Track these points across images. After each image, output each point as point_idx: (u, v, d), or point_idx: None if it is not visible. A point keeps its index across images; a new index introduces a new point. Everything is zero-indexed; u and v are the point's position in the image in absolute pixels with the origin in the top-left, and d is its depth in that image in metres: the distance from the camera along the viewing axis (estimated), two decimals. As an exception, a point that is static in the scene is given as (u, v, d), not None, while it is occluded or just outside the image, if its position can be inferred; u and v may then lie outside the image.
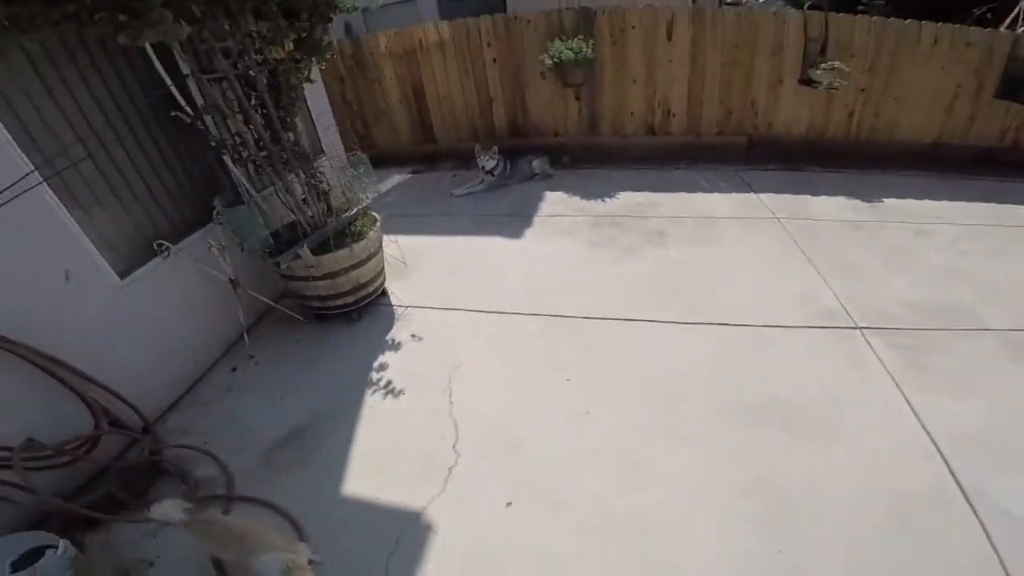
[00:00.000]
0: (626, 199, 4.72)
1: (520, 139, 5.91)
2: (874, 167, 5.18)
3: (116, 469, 2.39)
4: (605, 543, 2.01)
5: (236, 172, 3.11)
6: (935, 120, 5.17)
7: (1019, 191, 4.76)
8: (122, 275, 2.66)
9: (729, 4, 11.15)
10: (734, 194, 4.71)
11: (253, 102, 2.94)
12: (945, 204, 4.54)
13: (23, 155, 2.23)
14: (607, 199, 4.71)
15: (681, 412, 2.58)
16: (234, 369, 3.15)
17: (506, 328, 3.22)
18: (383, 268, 3.47)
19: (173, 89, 2.78)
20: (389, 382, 2.87)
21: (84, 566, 1.91)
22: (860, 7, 7.09)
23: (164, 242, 2.84)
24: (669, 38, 5.11)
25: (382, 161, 5.92)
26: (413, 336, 3.22)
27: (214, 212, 3.11)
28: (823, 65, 4.83)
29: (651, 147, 5.64)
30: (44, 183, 2.28)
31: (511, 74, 5.58)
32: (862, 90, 5.07)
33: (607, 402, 2.63)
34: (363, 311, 3.42)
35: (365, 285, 3.28)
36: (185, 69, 2.82)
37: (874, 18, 4.84)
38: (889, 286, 3.45)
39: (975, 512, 2.11)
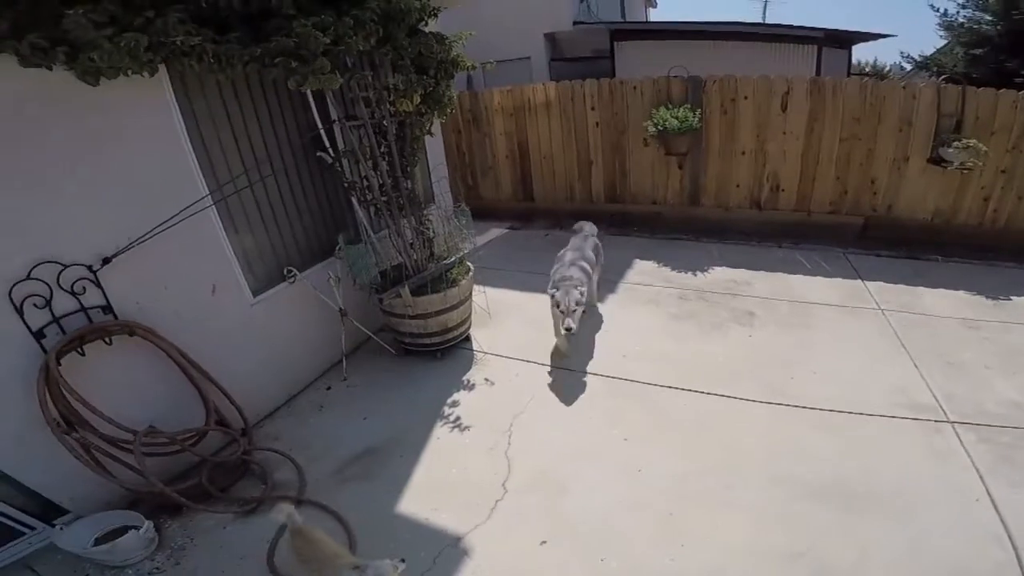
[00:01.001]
0: (719, 274, 5.00)
1: (617, 204, 6.44)
2: (1011, 260, 5.00)
3: (211, 463, 2.81)
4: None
5: (360, 212, 3.85)
6: None
7: None
8: (255, 293, 3.30)
9: (861, 75, 11.04)
10: (838, 279, 4.82)
11: (382, 149, 3.55)
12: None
13: (203, 179, 2.89)
14: (699, 273, 5.03)
15: (749, 479, 2.83)
16: (328, 388, 3.85)
17: (573, 385, 3.68)
18: (470, 315, 4.12)
19: (322, 132, 3.56)
20: (458, 417, 3.41)
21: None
22: (1018, 79, 6.78)
23: (293, 269, 3.49)
24: (784, 109, 5.31)
25: (484, 214, 6.75)
26: (486, 380, 3.77)
27: (336, 248, 3.78)
28: (956, 143, 4.77)
29: (755, 222, 5.84)
30: (213, 206, 2.91)
31: (613, 139, 6.13)
32: (1002, 171, 4.94)
33: (662, 464, 2.94)
34: (446, 352, 4.05)
35: (452, 329, 3.92)
36: (334, 115, 3.54)
37: (1021, 92, 4.69)
38: (995, 387, 3.43)
39: None
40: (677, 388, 3.56)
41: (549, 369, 3.87)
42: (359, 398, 3.72)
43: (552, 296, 3.69)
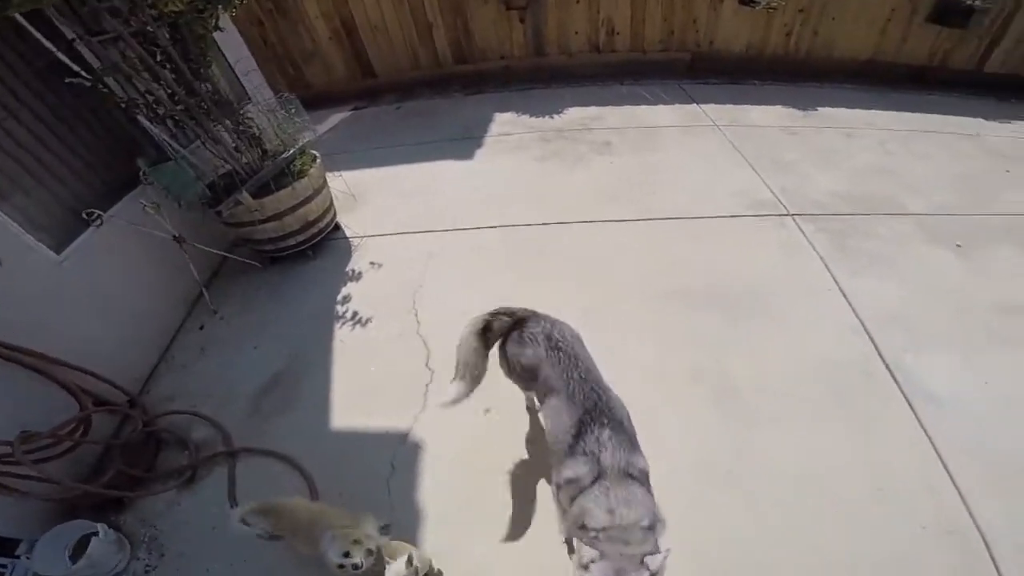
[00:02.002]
0: (573, 114, 5.03)
1: (467, 65, 6.05)
2: (811, 81, 5.72)
3: (119, 447, 2.48)
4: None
5: (155, 130, 3.10)
6: (870, 40, 5.72)
7: (945, 104, 5.44)
8: (57, 250, 2.65)
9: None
10: (677, 105, 5.14)
11: (159, 58, 2.88)
12: (876, 113, 5.13)
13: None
14: (555, 115, 5.00)
15: (633, 301, 2.98)
16: (201, 327, 3.21)
17: (463, 244, 3.49)
18: (331, 203, 3.63)
19: (60, 55, 2.69)
20: (355, 313, 3.06)
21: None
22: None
23: (93, 210, 2.79)
24: None
25: (318, 102, 5.89)
26: (372, 264, 3.42)
27: (140, 173, 3.08)
28: None
29: (598, 65, 5.94)
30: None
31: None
32: (800, 10, 5.51)
33: (567, 298, 2.95)
34: (318, 248, 3.57)
35: (315, 222, 3.43)
36: (69, 33, 2.72)
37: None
38: (817, 181, 3.94)
39: (897, 383, 2.59)
40: (559, 223, 3.55)
41: (435, 234, 3.59)
42: (240, 326, 3.16)
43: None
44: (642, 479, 1.57)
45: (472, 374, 1.97)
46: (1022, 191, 4.02)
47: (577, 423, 1.67)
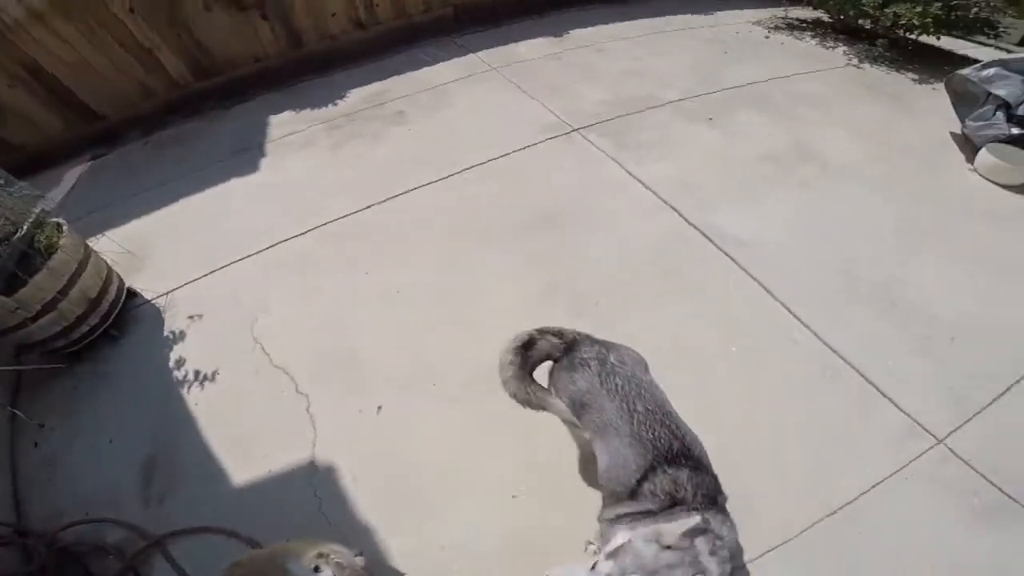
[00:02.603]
0: (359, 94, 4.83)
1: (216, 77, 5.30)
2: (559, 7, 6.23)
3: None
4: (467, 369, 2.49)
5: None
6: None
7: (659, 7, 6.24)
8: None
9: None
10: (455, 59, 5.22)
11: None
12: (613, 26, 5.78)
13: None
14: (339, 101, 4.75)
15: (473, 250, 3.09)
16: (36, 444, 2.58)
17: (283, 258, 3.22)
18: (109, 271, 3.01)
19: None
20: (197, 371, 2.70)
21: None
22: None
23: None
24: None
25: (39, 162, 4.74)
26: (191, 318, 2.99)
27: None
28: None
29: (367, 40, 5.69)
30: None
31: (163, 15, 4.81)
32: None
33: (414, 272, 2.99)
34: (120, 324, 2.99)
35: (100, 298, 2.84)
36: None
37: None
38: (586, 95, 4.38)
39: (706, 235, 3.10)
40: (376, 204, 3.47)
41: (247, 260, 3.23)
42: (78, 430, 2.61)
43: None
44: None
45: (522, 400, 1.67)
46: (740, 66, 4.91)
47: (646, 472, 1.39)
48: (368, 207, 3.45)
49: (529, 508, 2.04)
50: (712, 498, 1.36)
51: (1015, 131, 3.58)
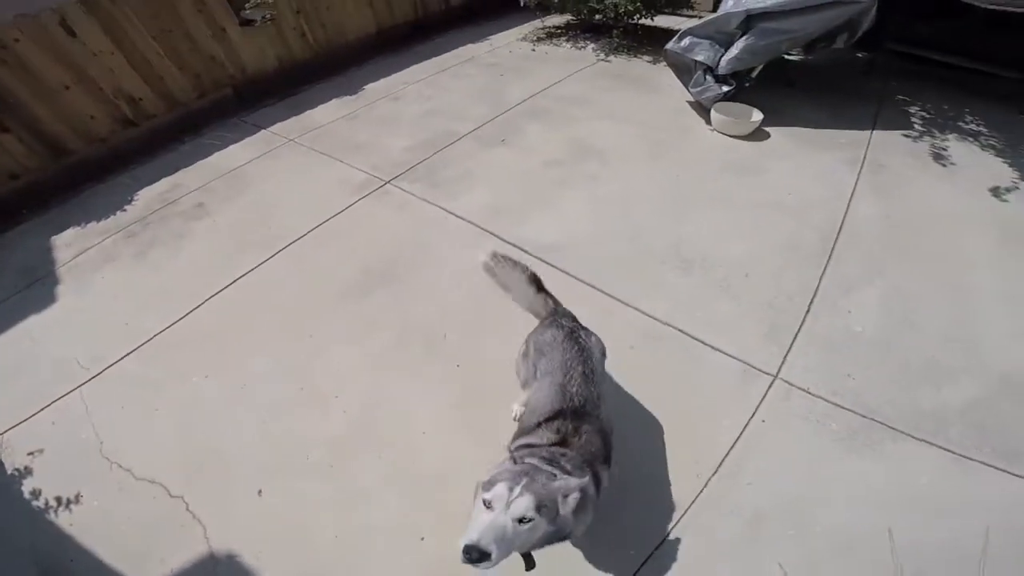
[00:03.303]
0: (147, 195, 4.49)
1: None
2: (348, 67, 6.33)
3: None
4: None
5: None
6: (367, 14, 6.55)
7: (441, 44, 6.75)
8: None
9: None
10: (247, 139, 5.09)
11: None
12: (405, 72, 6.09)
13: None
14: (127, 206, 4.37)
15: (316, 321, 3.12)
16: None
17: (114, 382, 2.97)
18: None
19: None
20: (58, 498, 2.45)
21: None
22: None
23: None
24: (73, 35, 4.62)
25: None
26: (30, 454, 2.65)
27: None
28: (248, 4, 5.40)
29: (144, 136, 5.27)
30: None
31: None
32: (297, 12, 5.88)
33: (253, 363, 2.94)
34: None
35: None
36: None
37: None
38: (391, 146, 4.53)
39: (523, 250, 3.39)
40: (198, 306, 3.31)
41: (78, 391, 2.92)
42: None
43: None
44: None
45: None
46: (517, 84, 5.48)
47: (556, 412, 1.72)
48: (191, 311, 3.27)
49: (438, 545, 2.13)
50: (592, 460, 1.64)
51: (725, 89, 4.45)
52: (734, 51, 4.28)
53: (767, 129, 4.46)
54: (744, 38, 4.24)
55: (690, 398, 2.52)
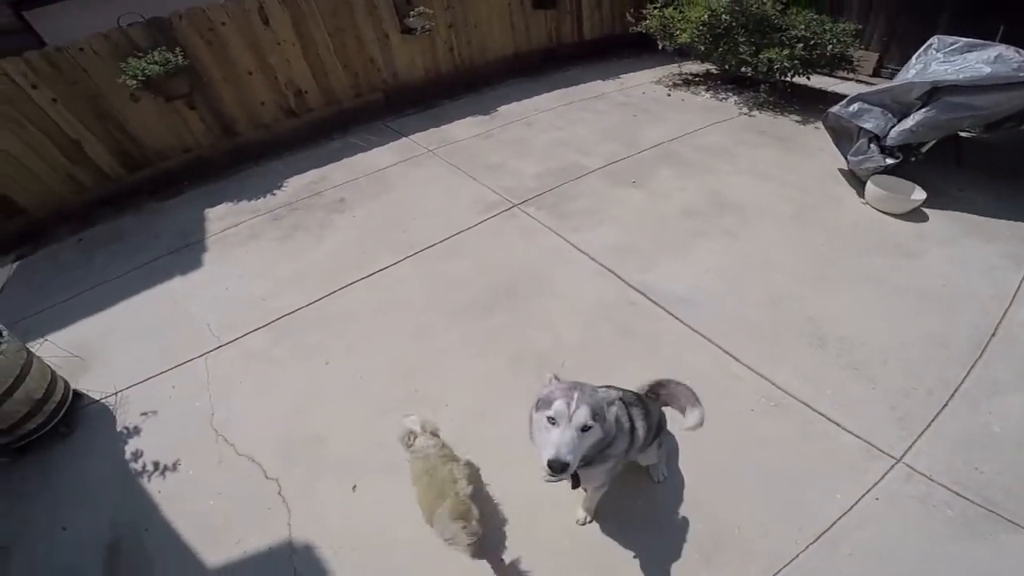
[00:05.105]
0: (297, 183, 4.82)
1: (147, 169, 5.17)
2: (484, 85, 6.51)
3: None
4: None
5: None
6: (508, 35, 6.79)
7: (572, 76, 6.78)
8: None
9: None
10: (390, 143, 5.36)
11: None
12: (537, 99, 6.16)
13: None
14: (277, 191, 4.70)
15: (440, 328, 3.13)
16: None
17: (236, 356, 3.12)
18: (54, 374, 2.86)
19: None
20: (156, 462, 2.58)
21: None
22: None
23: None
24: (267, 23, 5.16)
25: None
26: (144, 415, 2.85)
27: None
28: (412, 13, 5.72)
29: (300, 127, 5.76)
30: None
31: (89, 107, 4.75)
32: (450, 26, 6.21)
33: (373, 359, 2.97)
34: (69, 423, 2.85)
35: (46, 399, 2.72)
36: None
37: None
38: (522, 170, 4.57)
39: (649, 297, 3.24)
40: (332, 293, 3.42)
41: (200, 359, 3.10)
42: (26, 520, 2.45)
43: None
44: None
45: None
46: (651, 127, 5.34)
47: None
48: (323, 297, 3.41)
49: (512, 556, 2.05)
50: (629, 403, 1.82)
51: (889, 161, 4.04)
52: (909, 123, 3.90)
53: (926, 210, 4.00)
54: (924, 110, 3.84)
55: (804, 467, 2.35)
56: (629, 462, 2.00)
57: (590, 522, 2.16)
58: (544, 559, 2.08)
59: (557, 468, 1.34)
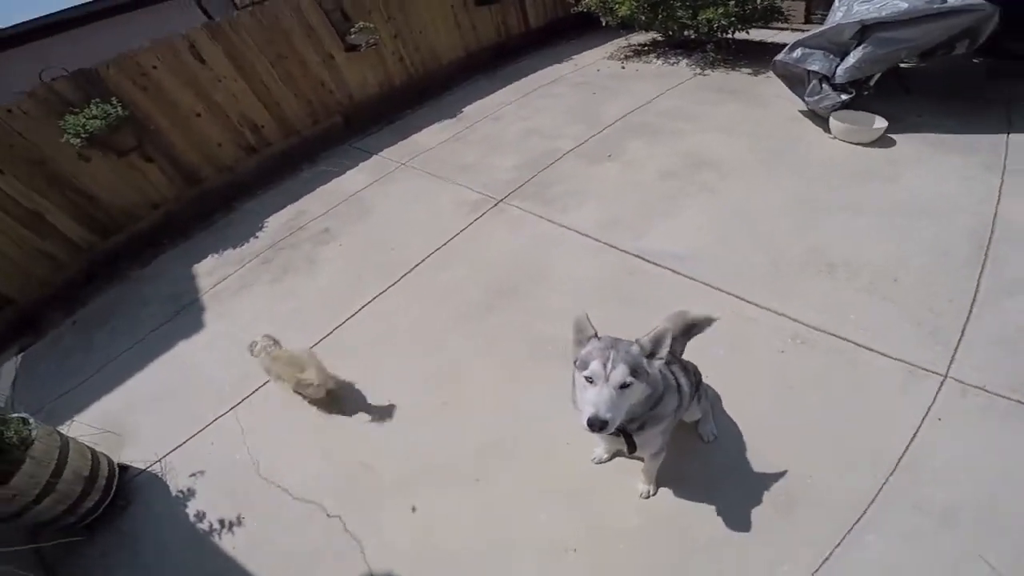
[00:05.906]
0: (275, 222, 4.73)
1: (117, 234, 4.95)
2: (443, 90, 6.51)
3: None
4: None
5: None
6: (455, 37, 6.72)
7: (527, 66, 6.81)
8: None
9: (248, 5, 11.08)
10: (361, 164, 5.29)
11: None
12: (497, 94, 6.18)
13: None
14: (258, 234, 4.61)
15: (452, 338, 3.15)
16: None
17: (264, 402, 3.09)
18: (93, 452, 2.82)
19: None
20: (221, 520, 2.55)
21: None
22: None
23: None
24: (203, 61, 4.96)
25: None
26: (193, 475, 2.82)
27: None
28: (352, 29, 5.55)
29: (264, 164, 5.59)
30: None
31: (38, 173, 4.47)
32: (395, 36, 6.09)
33: (389, 382, 2.98)
34: (124, 495, 2.83)
35: (95, 475, 2.69)
36: None
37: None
38: (497, 164, 4.57)
39: (649, 260, 3.29)
40: (335, 329, 3.41)
41: (228, 415, 3.07)
42: None
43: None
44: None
45: None
46: (612, 102, 5.41)
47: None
48: (328, 334, 3.38)
49: (588, 557, 2.08)
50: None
51: (844, 97, 4.20)
52: (851, 60, 4.07)
53: (892, 136, 4.14)
54: (861, 47, 4.02)
55: (854, 400, 2.37)
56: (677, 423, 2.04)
57: (654, 494, 2.20)
58: (618, 542, 2.11)
59: (596, 426, 1.38)
